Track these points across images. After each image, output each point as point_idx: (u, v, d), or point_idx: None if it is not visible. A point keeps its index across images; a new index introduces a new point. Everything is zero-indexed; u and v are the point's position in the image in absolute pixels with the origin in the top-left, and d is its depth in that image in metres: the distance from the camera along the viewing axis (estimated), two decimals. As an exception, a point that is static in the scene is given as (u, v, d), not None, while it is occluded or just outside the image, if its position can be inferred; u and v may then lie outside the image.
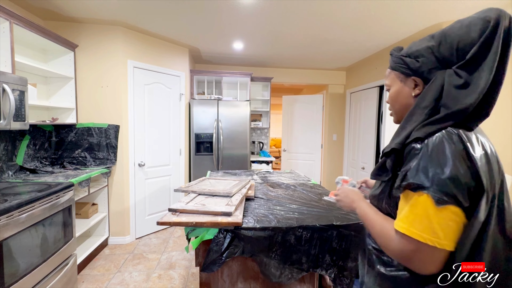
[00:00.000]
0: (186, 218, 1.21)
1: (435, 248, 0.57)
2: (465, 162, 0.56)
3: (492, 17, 0.61)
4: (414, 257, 0.60)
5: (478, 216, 0.56)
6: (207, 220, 1.17)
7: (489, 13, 0.62)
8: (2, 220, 1.38)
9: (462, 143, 0.58)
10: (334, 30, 2.82)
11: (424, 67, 0.68)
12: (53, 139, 2.74)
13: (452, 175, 0.55)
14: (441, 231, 0.56)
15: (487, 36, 0.60)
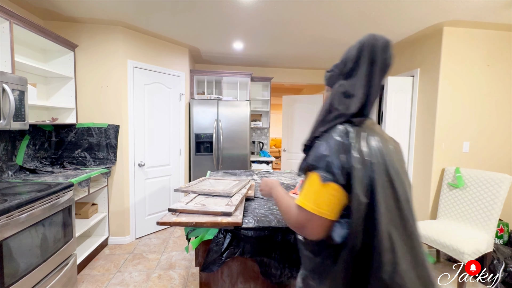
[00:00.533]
0: (186, 218, 1.21)
1: (320, 217, 0.70)
2: (344, 150, 0.70)
3: (364, 39, 0.78)
4: (307, 225, 0.72)
5: (354, 192, 0.67)
6: (207, 220, 1.17)
7: (364, 37, 0.79)
8: (2, 220, 1.38)
9: (345, 136, 0.72)
10: (334, 30, 2.82)
11: (332, 79, 0.85)
12: (53, 139, 2.74)
13: (333, 159, 0.70)
14: (324, 204, 0.70)
15: (357, 55, 0.77)
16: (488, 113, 2.74)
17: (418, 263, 0.69)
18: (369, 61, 0.76)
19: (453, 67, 2.66)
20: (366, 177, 0.68)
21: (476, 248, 2.06)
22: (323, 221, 0.71)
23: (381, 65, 0.76)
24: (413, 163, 3.02)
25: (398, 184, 0.70)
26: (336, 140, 0.72)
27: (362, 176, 0.68)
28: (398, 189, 0.70)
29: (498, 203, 2.26)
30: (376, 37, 0.77)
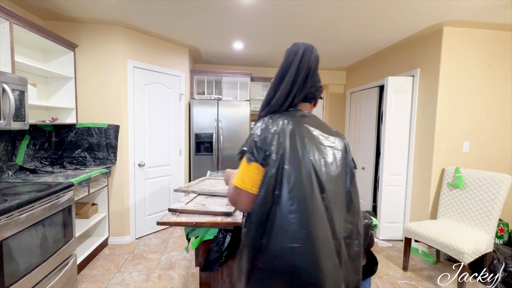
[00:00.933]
0: (186, 218, 1.21)
1: (246, 191, 0.83)
2: (261, 135, 0.86)
3: (287, 49, 0.99)
4: (238, 199, 0.85)
5: (268, 170, 0.81)
6: (207, 220, 1.17)
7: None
8: (2, 220, 1.38)
9: (263, 124, 0.88)
10: (334, 29, 2.82)
11: (275, 81, 0.98)
12: (53, 139, 2.74)
13: (255, 143, 0.85)
14: (248, 180, 0.83)
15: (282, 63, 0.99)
16: (488, 113, 2.74)
17: (318, 235, 0.78)
18: (285, 66, 0.96)
19: (453, 67, 2.66)
20: (276, 155, 0.82)
21: (476, 248, 2.06)
22: (248, 194, 0.83)
23: (300, 67, 0.92)
24: (413, 163, 3.02)
25: (306, 161, 0.82)
26: (257, 128, 0.89)
27: (273, 154, 0.82)
28: (305, 166, 0.81)
29: (498, 203, 2.26)
30: (295, 44, 0.96)
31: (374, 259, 1.44)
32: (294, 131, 0.85)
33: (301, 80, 0.92)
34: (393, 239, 3.21)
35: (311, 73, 0.93)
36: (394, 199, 3.16)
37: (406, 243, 2.52)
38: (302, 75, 0.92)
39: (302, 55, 0.93)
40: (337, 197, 0.84)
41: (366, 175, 3.98)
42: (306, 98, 0.97)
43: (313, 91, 0.96)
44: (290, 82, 0.92)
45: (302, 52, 0.93)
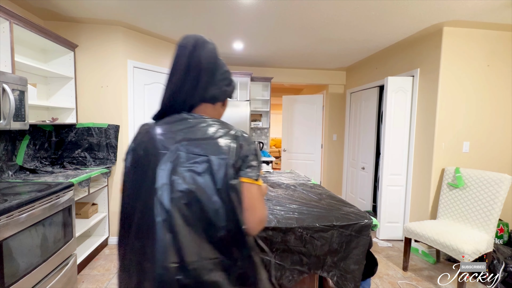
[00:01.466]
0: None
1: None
2: (135, 140, 0.80)
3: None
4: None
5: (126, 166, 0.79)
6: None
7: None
8: (2, 220, 1.38)
9: (141, 129, 0.81)
10: (334, 30, 2.82)
11: (165, 81, 0.88)
12: (53, 139, 2.74)
13: (129, 145, 0.80)
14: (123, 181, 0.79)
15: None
16: (488, 113, 2.74)
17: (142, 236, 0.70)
18: (174, 63, 0.82)
19: (453, 67, 2.66)
20: (129, 161, 0.78)
21: (476, 248, 2.06)
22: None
23: (191, 65, 0.79)
24: (413, 163, 3.02)
25: (158, 163, 0.71)
26: (136, 133, 0.83)
27: (128, 160, 0.78)
28: (146, 172, 0.72)
29: (498, 203, 2.26)
30: (185, 37, 0.82)
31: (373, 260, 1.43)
32: (152, 136, 0.76)
33: (191, 80, 0.79)
34: (393, 239, 3.21)
35: (204, 71, 0.80)
36: (394, 199, 3.16)
37: (406, 243, 2.52)
38: (193, 75, 0.79)
39: (192, 50, 0.81)
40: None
41: (366, 175, 3.98)
42: (205, 99, 0.82)
43: (214, 92, 0.82)
44: (176, 83, 0.79)
45: (192, 47, 0.81)
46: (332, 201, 1.63)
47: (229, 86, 0.87)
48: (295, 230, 1.23)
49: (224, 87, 0.84)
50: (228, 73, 0.87)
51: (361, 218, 1.32)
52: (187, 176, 0.69)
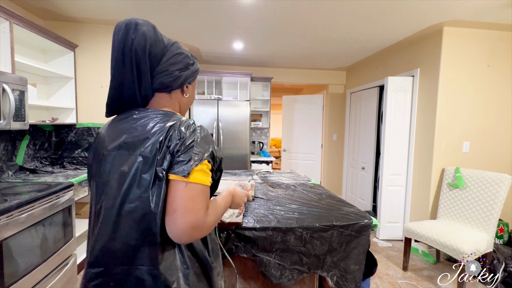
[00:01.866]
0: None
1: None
2: (95, 139, 0.79)
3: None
4: None
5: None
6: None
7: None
8: (2, 220, 1.38)
9: (101, 128, 0.80)
10: (334, 30, 2.82)
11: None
12: (53, 139, 2.74)
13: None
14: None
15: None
16: (488, 113, 2.74)
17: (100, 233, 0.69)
18: (111, 55, 0.75)
19: (453, 67, 2.66)
20: (89, 159, 0.77)
21: (476, 248, 2.06)
22: None
23: (125, 52, 0.71)
24: (413, 163, 3.02)
25: (102, 164, 0.71)
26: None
27: (89, 159, 0.77)
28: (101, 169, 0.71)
29: (498, 203, 2.26)
30: (117, 24, 0.71)
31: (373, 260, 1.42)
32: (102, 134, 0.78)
33: (130, 71, 0.72)
34: (393, 239, 3.21)
35: (143, 58, 0.70)
36: (394, 199, 3.16)
37: (406, 243, 2.52)
38: (130, 65, 0.72)
39: (122, 39, 0.71)
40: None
41: (366, 175, 3.98)
42: (156, 89, 0.75)
43: (164, 80, 0.74)
44: (116, 77, 0.75)
45: (122, 35, 0.70)
46: (332, 201, 1.63)
47: (185, 70, 0.77)
48: (295, 230, 1.23)
49: (176, 72, 0.75)
50: (181, 56, 0.77)
51: (361, 218, 1.32)
52: (117, 178, 0.67)
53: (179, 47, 0.78)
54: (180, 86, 0.78)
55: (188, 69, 0.79)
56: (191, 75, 0.80)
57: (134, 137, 0.69)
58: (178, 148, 0.65)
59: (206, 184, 0.66)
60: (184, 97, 0.82)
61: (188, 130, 0.68)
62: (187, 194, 0.63)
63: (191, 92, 0.84)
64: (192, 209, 0.62)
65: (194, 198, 0.63)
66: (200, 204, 0.64)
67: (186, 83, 0.80)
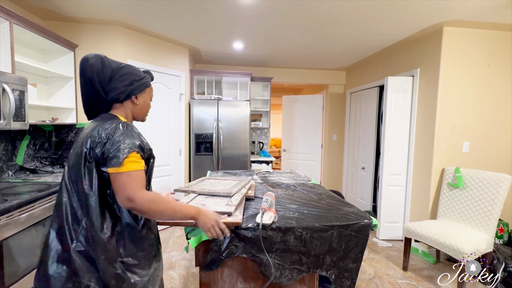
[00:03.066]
0: (186, 218, 1.21)
1: None
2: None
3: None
4: None
5: None
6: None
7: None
8: (2, 220, 1.38)
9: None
10: (334, 30, 2.82)
11: None
12: (53, 139, 2.74)
13: None
14: None
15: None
16: (488, 113, 2.74)
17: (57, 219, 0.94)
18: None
19: (453, 67, 2.66)
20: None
21: (476, 248, 2.06)
22: None
23: (84, 80, 0.98)
24: (413, 163, 3.02)
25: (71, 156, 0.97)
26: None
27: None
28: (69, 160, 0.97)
29: (498, 203, 2.26)
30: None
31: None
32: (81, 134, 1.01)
33: (90, 92, 0.99)
34: (393, 239, 3.21)
35: (96, 83, 0.97)
36: (394, 199, 3.16)
37: (406, 243, 2.52)
38: (88, 87, 0.98)
39: (80, 71, 0.98)
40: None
41: (366, 175, 3.98)
42: (113, 101, 1.02)
43: (114, 95, 1.01)
44: (83, 95, 1.01)
45: (80, 68, 0.98)
46: (332, 201, 1.63)
47: (131, 85, 1.03)
48: (295, 230, 1.23)
49: (122, 88, 1.01)
50: (126, 75, 1.02)
51: (361, 218, 1.32)
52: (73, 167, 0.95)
53: (126, 69, 1.03)
54: (127, 97, 1.03)
55: (133, 85, 1.03)
56: (136, 89, 1.04)
57: (87, 136, 0.94)
58: (107, 149, 0.89)
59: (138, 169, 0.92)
60: (135, 105, 1.07)
61: (107, 136, 0.90)
62: (120, 180, 0.88)
63: (142, 101, 1.09)
64: (125, 189, 0.87)
65: (124, 182, 0.88)
66: (129, 184, 0.88)
67: (132, 95, 1.04)
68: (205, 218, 1.02)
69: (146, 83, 1.08)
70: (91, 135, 0.91)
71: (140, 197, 0.87)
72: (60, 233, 0.91)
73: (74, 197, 0.92)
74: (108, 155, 0.88)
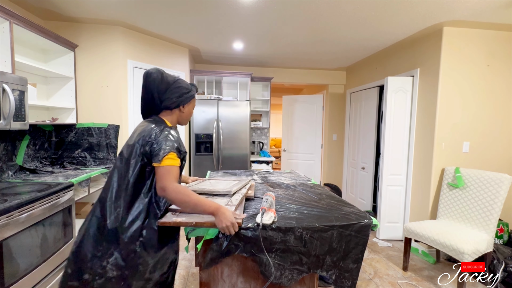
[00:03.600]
0: (186, 218, 1.21)
1: None
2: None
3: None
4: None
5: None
6: (207, 220, 1.17)
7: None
8: (2, 220, 1.38)
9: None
10: (334, 30, 2.82)
11: None
12: (53, 139, 2.74)
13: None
14: None
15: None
16: (488, 113, 2.74)
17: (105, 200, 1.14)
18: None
19: (453, 67, 2.66)
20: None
21: (476, 248, 2.06)
22: None
23: (145, 90, 1.22)
24: (413, 163, 3.02)
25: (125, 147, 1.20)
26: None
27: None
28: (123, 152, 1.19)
29: (498, 203, 2.26)
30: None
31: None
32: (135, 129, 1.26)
33: (149, 99, 1.23)
34: (393, 239, 3.21)
35: (155, 92, 1.21)
36: (394, 199, 3.16)
37: (406, 243, 2.52)
38: (148, 96, 1.22)
39: (143, 82, 1.21)
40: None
41: (366, 175, 3.98)
42: (163, 108, 1.25)
43: (167, 104, 1.24)
44: (143, 101, 1.25)
45: (143, 79, 1.21)
46: (332, 201, 1.63)
47: (181, 97, 1.25)
48: (295, 230, 1.23)
49: (174, 99, 1.24)
50: (178, 89, 1.25)
51: (361, 218, 1.32)
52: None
53: (178, 83, 1.26)
54: (177, 107, 1.27)
55: (182, 97, 1.26)
56: (184, 100, 1.27)
57: (138, 134, 1.18)
58: (153, 148, 1.12)
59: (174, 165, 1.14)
60: (182, 113, 1.31)
61: (154, 136, 1.14)
62: (160, 173, 1.10)
63: (187, 110, 1.32)
64: (162, 181, 1.09)
65: (162, 175, 1.10)
66: (166, 177, 1.09)
67: (181, 105, 1.27)
68: (222, 216, 1.10)
69: (192, 95, 1.31)
70: (143, 134, 1.15)
71: (171, 188, 1.07)
72: (103, 207, 1.11)
73: (120, 180, 1.13)
74: (153, 152, 1.11)
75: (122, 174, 1.13)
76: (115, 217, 1.09)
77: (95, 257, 1.08)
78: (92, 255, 1.08)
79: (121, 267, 1.07)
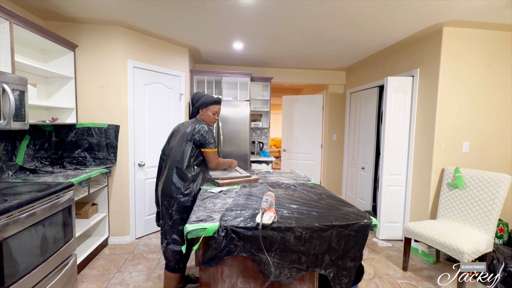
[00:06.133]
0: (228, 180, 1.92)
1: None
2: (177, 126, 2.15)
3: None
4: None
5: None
6: (239, 180, 1.98)
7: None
8: (2, 220, 1.38)
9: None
10: (334, 30, 2.82)
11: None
12: (53, 139, 2.74)
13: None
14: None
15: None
16: (488, 113, 2.74)
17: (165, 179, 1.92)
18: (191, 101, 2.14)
19: (453, 67, 2.66)
20: (170, 135, 2.10)
21: (476, 248, 2.07)
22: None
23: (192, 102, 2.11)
24: (413, 163, 3.02)
25: (174, 139, 2.00)
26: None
27: (170, 134, 2.10)
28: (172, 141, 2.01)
29: (498, 203, 2.27)
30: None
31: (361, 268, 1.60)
32: (180, 126, 2.07)
33: (191, 105, 2.10)
34: (393, 239, 3.21)
35: (195, 101, 2.06)
36: (394, 199, 3.16)
37: (406, 243, 2.52)
38: (191, 104, 2.11)
39: (191, 98, 2.11)
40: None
41: (366, 175, 3.98)
42: (197, 110, 2.07)
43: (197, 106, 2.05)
44: (190, 107, 2.26)
45: (191, 97, 2.25)
46: (332, 201, 1.63)
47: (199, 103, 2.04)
48: (294, 230, 1.23)
49: (197, 105, 2.05)
50: (201, 98, 2.04)
51: (361, 218, 1.32)
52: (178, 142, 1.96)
53: (201, 94, 2.06)
54: (201, 108, 2.05)
55: (199, 102, 2.04)
56: (201, 105, 2.03)
57: (184, 127, 1.98)
58: (201, 138, 1.89)
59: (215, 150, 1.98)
60: (204, 112, 2.04)
61: (197, 130, 1.91)
62: (210, 155, 1.95)
63: (205, 112, 2.05)
64: (212, 160, 1.97)
65: (211, 156, 1.96)
66: (213, 157, 1.96)
67: (200, 108, 2.05)
68: (234, 162, 2.29)
69: (203, 101, 2.02)
70: (191, 128, 1.90)
71: (215, 163, 1.98)
72: (171, 167, 1.87)
73: (176, 151, 1.90)
74: (202, 142, 1.89)
75: (178, 152, 1.89)
76: (176, 173, 1.87)
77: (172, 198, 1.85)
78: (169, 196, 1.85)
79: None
